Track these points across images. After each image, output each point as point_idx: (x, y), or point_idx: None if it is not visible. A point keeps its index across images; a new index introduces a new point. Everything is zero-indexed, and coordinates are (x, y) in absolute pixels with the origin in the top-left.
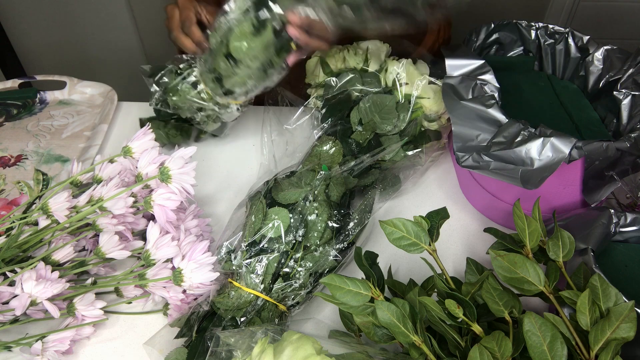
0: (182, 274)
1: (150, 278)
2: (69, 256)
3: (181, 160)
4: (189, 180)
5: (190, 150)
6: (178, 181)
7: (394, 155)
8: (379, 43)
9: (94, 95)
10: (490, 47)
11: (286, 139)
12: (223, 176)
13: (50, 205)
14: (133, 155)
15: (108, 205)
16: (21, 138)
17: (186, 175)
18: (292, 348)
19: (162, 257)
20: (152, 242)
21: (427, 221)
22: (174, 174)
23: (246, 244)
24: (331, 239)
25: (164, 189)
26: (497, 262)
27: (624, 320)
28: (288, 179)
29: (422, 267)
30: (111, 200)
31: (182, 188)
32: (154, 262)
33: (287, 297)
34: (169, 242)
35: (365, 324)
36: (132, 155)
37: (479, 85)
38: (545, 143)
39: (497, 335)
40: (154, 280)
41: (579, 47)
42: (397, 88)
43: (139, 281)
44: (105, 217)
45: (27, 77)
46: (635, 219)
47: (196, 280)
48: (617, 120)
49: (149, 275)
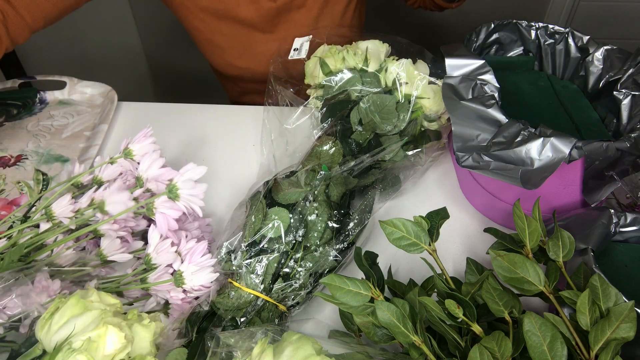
0: (182, 276)
1: (152, 281)
2: (71, 259)
3: (191, 183)
4: (197, 202)
5: (201, 170)
6: (186, 201)
7: (394, 155)
8: (378, 43)
9: (94, 95)
10: (490, 47)
11: (286, 139)
12: (223, 176)
13: (54, 210)
14: (134, 157)
15: (109, 209)
16: (21, 138)
17: (195, 197)
18: (292, 348)
19: (162, 263)
20: (152, 246)
21: (427, 221)
22: (183, 194)
23: (246, 244)
24: (331, 239)
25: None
26: (497, 262)
27: (624, 320)
28: (288, 179)
29: (422, 267)
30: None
31: (190, 207)
32: (155, 267)
33: (287, 297)
34: (168, 247)
35: (365, 324)
36: (132, 158)
37: (479, 85)
38: (545, 143)
39: (497, 335)
40: (157, 283)
41: (579, 47)
42: (397, 88)
43: (142, 285)
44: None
45: (27, 77)
46: (635, 219)
47: (197, 282)
48: (617, 120)
49: (151, 279)
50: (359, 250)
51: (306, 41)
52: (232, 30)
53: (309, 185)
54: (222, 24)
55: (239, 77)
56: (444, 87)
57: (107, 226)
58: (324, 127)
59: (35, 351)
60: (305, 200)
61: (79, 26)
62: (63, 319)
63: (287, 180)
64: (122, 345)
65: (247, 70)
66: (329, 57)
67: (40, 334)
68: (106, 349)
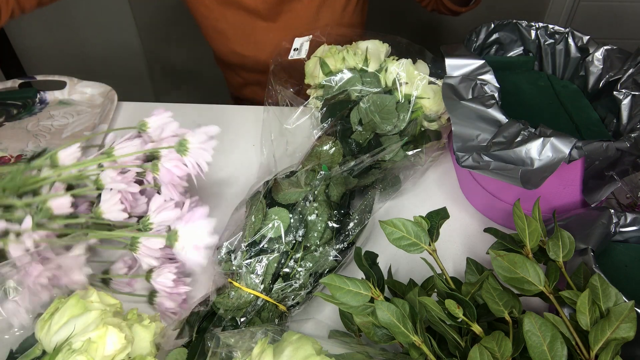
0: (177, 234)
1: (144, 241)
2: (64, 209)
3: (204, 136)
4: (206, 157)
5: (214, 129)
6: (194, 155)
7: (394, 155)
8: (378, 43)
9: (94, 95)
10: (490, 47)
11: (286, 139)
12: (223, 176)
13: (59, 156)
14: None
15: (117, 153)
16: (21, 138)
17: (204, 151)
18: (292, 348)
19: (161, 221)
20: (153, 209)
21: (427, 221)
22: (192, 147)
23: (246, 244)
24: (331, 239)
25: (174, 156)
26: (497, 262)
27: (624, 320)
28: (288, 179)
29: (422, 267)
30: (121, 151)
31: (197, 163)
32: (151, 227)
33: (287, 297)
34: (171, 206)
35: (365, 324)
36: (146, 130)
37: (479, 85)
38: (545, 143)
39: (497, 335)
40: (147, 235)
41: (579, 47)
42: (397, 88)
43: (133, 237)
44: (112, 171)
45: (27, 77)
46: (635, 219)
47: (191, 242)
48: (617, 120)
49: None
50: (359, 250)
51: (306, 41)
52: (236, 18)
53: (309, 185)
54: (226, 10)
55: (242, 66)
56: (444, 87)
57: (111, 174)
58: (324, 127)
59: (35, 351)
60: (305, 200)
61: (78, 26)
62: (63, 319)
63: (287, 180)
64: (122, 345)
65: (250, 58)
66: (329, 57)
67: (40, 334)
68: (106, 350)
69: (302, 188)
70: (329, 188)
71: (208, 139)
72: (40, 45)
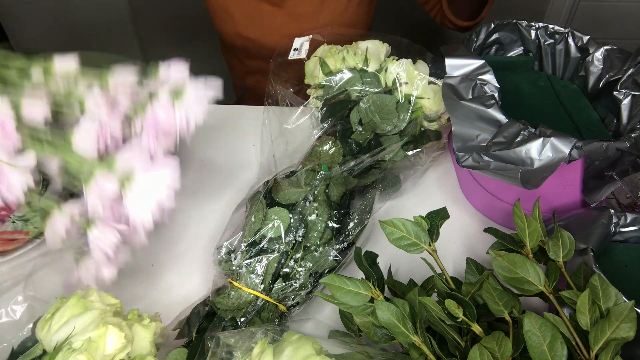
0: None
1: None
2: (36, 116)
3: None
4: (197, 112)
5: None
6: (187, 108)
7: (394, 155)
8: (378, 43)
9: None
10: (490, 47)
11: (286, 139)
12: (223, 176)
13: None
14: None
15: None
16: None
17: (199, 105)
18: (292, 348)
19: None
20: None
21: (427, 221)
22: (188, 99)
23: (246, 244)
24: (331, 239)
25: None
26: (497, 262)
27: (624, 320)
28: (288, 179)
29: (422, 267)
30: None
31: (185, 116)
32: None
33: (287, 297)
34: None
35: (365, 324)
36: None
37: (479, 85)
38: (545, 143)
39: (497, 335)
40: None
41: (579, 47)
42: (397, 88)
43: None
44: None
45: None
46: (635, 219)
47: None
48: (617, 120)
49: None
50: (359, 250)
51: (306, 41)
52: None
53: (309, 185)
54: None
55: (246, 50)
56: (444, 87)
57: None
58: (324, 127)
59: (35, 351)
60: (305, 200)
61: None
62: (63, 319)
63: (287, 180)
64: (122, 345)
65: (255, 42)
66: (329, 57)
67: (40, 334)
68: (106, 349)
69: (302, 188)
70: (329, 188)
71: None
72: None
